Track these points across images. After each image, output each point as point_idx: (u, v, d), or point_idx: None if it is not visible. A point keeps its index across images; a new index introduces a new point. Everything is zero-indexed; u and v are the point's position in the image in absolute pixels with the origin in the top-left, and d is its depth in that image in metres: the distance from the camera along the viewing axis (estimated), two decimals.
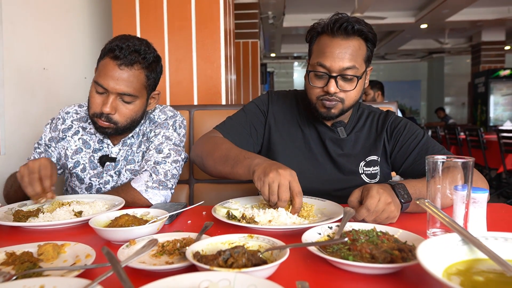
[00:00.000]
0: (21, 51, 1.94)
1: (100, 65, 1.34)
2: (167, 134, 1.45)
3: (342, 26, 1.20)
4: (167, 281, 0.57)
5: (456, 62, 13.17)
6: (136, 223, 0.92)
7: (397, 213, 0.98)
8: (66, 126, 1.49)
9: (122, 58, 1.29)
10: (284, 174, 1.00)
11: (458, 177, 0.83)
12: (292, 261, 0.73)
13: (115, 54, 1.29)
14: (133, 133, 1.47)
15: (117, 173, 1.46)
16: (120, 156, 1.47)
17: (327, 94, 1.24)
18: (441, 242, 0.67)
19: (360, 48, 1.24)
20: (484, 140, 5.33)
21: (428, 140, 1.31)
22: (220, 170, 1.21)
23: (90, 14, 2.65)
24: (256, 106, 1.43)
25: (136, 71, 1.33)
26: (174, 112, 1.53)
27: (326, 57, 1.22)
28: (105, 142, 1.47)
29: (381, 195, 0.94)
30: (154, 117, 1.50)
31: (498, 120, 9.89)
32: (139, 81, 1.34)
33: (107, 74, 1.30)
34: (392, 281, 0.66)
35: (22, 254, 0.76)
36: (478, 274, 0.62)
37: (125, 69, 1.30)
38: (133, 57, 1.31)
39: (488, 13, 8.50)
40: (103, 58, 1.33)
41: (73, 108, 1.54)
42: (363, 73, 1.26)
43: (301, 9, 8.16)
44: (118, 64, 1.30)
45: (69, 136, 1.48)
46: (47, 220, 1.05)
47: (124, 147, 1.47)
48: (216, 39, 2.32)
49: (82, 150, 1.47)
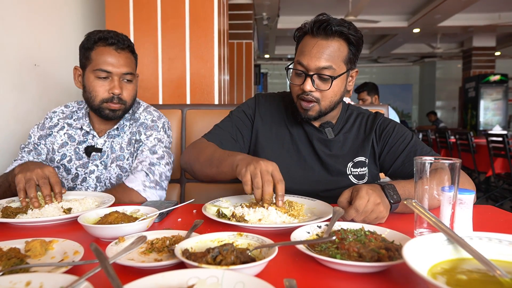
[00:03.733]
0: (12, 47, 1.92)
1: (94, 55, 1.43)
2: (158, 136, 1.52)
3: (321, 26, 1.22)
4: (155, 277, 0.57)
5: (448, 66, 13.32)
6: (126, 220, 0.92)
7: (386, 214, 0.99)
8: (53, 123, 1.58)
9: (116, 43, 1.43)
10: (265, 163, 1.03)
11: (445, 178, 0.85)
12: (280, 259, 0.74)
13: (110, 41, 1.42)
14: (117, 124, 1.54)
15: (102, 163, 1.51)
16: (106, 147, 1.53)
17: (304, 92, 1.26)
18: (426, 241, 0.68)
19: (340, 50, 1.25)
20: (473, 144, 5.40)
21: (417, 142, 1.32)
22: (207, 172, 1.24)
23: (83, 11, 2.63)
24: (242, 112, 1.45)
25: (128, 53, 1.48)
26: (159, 113, 1.61)
27: (304, 56, 1.24)
28: (90, 133, 1.54)
29: (370, 196, 0.95)
30: (140, 118, 1.56)
31: (487, 124, 10.03)
32: (133, 62, 1.51)
33: (107, 60, 1.42)
34: (379, 279, 0.67)
35: (9, 250, 0.75)
36: (463, 273, 0.63)
37: (121, 52, 1.44)
38: (125, 41, 1.46)
39: (479, 19, 8.61)
40: (93, 48, 1.43)
41: (59, 109, 1.62)
42: (341, 74, 1.27)
43: (295, 11, 8.18)
44: (115, 48, 1.43)
45: (55, 132, 1.56)
46: (36, 216, 1.04)
47: (109, 138, 1.54)
48: (209, 39, 2.32)
49: (67, 144, 1.55)
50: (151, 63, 2.34)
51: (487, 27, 8.91)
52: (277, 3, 6.65)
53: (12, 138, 1.94)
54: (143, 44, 2.33)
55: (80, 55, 1.48)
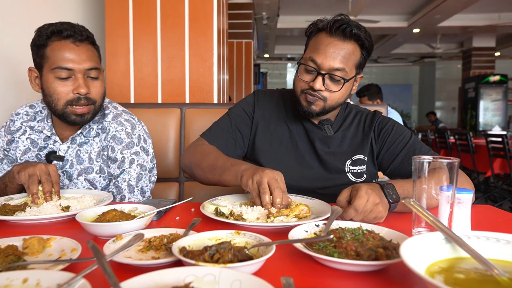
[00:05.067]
0: (10, 46, 1.92)
1: (50, 52, 1.25)
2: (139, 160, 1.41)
3: (341, 27, 1.21)
4: (152, 275, 0.57)
5: (447, 67, 13.33)
6: (124, 218, 0.92)
7: (385, 214, 0.98)
8: (15, 128, 1.43)
9: (73, 35, 1.25)
10: (272, 172, 1.04)
11: (443, 177, 0.85)
12: (278, 258, 0.74)
13: (65, 34, 1.25)
14: (81, 129, 1.38)
15: (65, 173, 1.39)
16: (68, 155, 1.38)
17: (311, 89, 1.25)
18: (424, 240, 0.68)
19: (354, 53, 1.24)
20: (473, 145, 5.41)
21: (416, 141, 1.32)
22: (210, 178, 1.26)
23: (82, 10, 2.63)
24: (241, 108, 1.44)
25: (89, 46, 1.31)
26: (131, 121, 1.43)
27: (319, 53, 1.23)
28: (52, 138, 1.40)
29: (369, 196, 0.95)
30: (110, 129, 1.39)
31: (487, 125, 10.04)
32: (95, 55, 1.33)
33: (66, 55, 1.25)
34: (377, 278, 0.67)
35: (6, 247, 0.75)
36: (460, 272, 0.63)
37: (80, 45, 1.27)
38: (83, 33, 1.28)
39: (479, 19, 8.62)
40: (48, 45, 1.25)
41: (23, 109, 1.46)
42: (351, 78, 1.27)
43: (295, 10, 8.18)
44: (72, 41, 1.26)
45: (17, 137, 1.42)
46: (34, 214, 1.04)
47: (73, 145, 1.39)
48: (209, 38, 2.32)
49: (30, 150, 1.41)
50: (150, 62, 2.34)
51: (487, 28, 8.92)
52: (277, 2, 6.65)
53: None
54: (143, 43, 2.33)
55: (33, 55, 1.30)
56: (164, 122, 1.85)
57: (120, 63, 2.32)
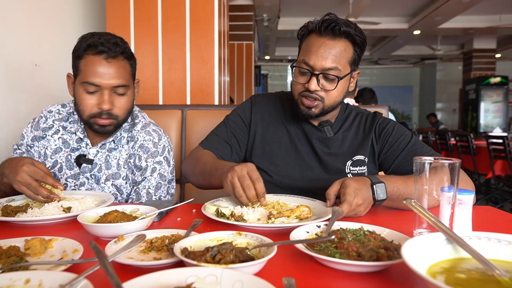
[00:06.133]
0: (12, 47, 1.93)
1: (83, 65, 1.30)
2: (161, 170, 1.43)
3: (329, 26, 1.22)
4: (154, 275, 0.57)
5: (448, 68, 13.32)
6: (125, 219, 0.92)
7: (364, 212, 1.05)
8: (47, 125, 1.46)
9: (107, 51, 1.28)
10: (240, 168, 1.05)
11: (444, 178, 0.85)
12: (279, 259, 0.74)
13: (99, 49, 1.28)
14: (113, 137, 1.42)
15: (93, 176, 1.40)
16: (97, 159, 1.41)
17: (308, 90, 1.26)
18: (425, 241, 0.68)
19: (346, 50, 1.25)
20: (474, 146, 5.40)
21: (417, 141, 1.33)
22: (203, 184, 1.31)
23: (84, 12, 2.64)
24: (237, 115, 1.46)
25: (122, 62, 1.33)
26: (158, 132, 1.48)
27: (310, 55, 1.24)
28: (84, 141, 1.43)
29: (356, 195, 1.00)
30: (139, 138, 1.43)
31: (488, 126, 10.02)
32: (127, 71, 1.35)
33: (96, 71, 1.28)
34: (378, 279, 0.67)
35: (8, 248, 0.75)
36: (462, 272, 0.63)
37: (112, 61, 1.30)
38: (117, 49, 1.30)
39: (480, 21, 8.62)
40: (83, 57, 1.29)
41: (56, 108, 1.50)
42: (346, 75, 1.27)
43: (296, 12, 8.19)
44: (105, 57, 1.28)
45: (49, 135, 1.44)
46: (36, 215, 1.04)
47: (102, 150, 1.42)
48: (210, 40, 2.33)
49: (61, 150, 1.43)
50: (151, 64, 2.35)
51: (487, 29, 8.91)
52: (278, 4, 6.65)
53: (12, 138, 1.94)
54: (144, 45, 2.33)
55: (72, 62, 1.35)
56: (165, 124, 1.85)
57: None
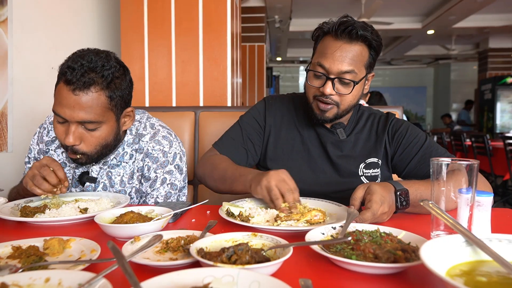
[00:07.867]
0: (30, 50, 1.97)
1: (56, 92, 1.16)
2: (171, 180, 1.36)
3: (346, 29, 1.20)
4: (171, 275, 0.57)
5: (463, 68, 13.10)
6: (141, 220, 0.93)
7: (387, 219, 1.02)
8: (49, 138, 1.38)
9: (75, 82, 1.10)
10: (276, 173, 1.06)
11: (462, 180, 0.83)
12: (295, 260, 0.74)
13: (67, 77, 1.11)
14: (114, 154, 1.33)
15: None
16: (100, 176, 1.33)
17: (322, 95, 1.24)
18: (444, 243, 0.67)
19: (362, 54, 1.23)
20: (490, 147, 5.29)
21: (431, 143, 1.30)
22: (221, 189, 1.30)
23: (99, 15, 2.68)
24: (252, 117, 1.44)
25: (95, 94, 1.13)
26: (169, 139, 1.36)
27: (326, 58, 1.22)
28: None
29: (382, 203, 0.97)
30: (148, 149, 1.33)
31: (504, 127, 9.82)
32: (100, 104, 1.15)
33: (61, 102, 1.13)
34: (395, 281, 0.66)
35: (28, 248, 0.77)
36: (482, 275, 0.62)
37: (80, 93, 1.11)
38: (88, 79, 1.11)
39: (496, 19, 8.46)
40: (58, 82, 1.16)
41: None
42: (361, 79, 1.25)
43: (307, 13, 8.17)
44: (72, 89, 1.11)
45: (52, 150, 1.37)
46: (53, 216, 1.06)
47: (104, 166, 1.34)
48: (222, 42, 2.34)
49: (65, 165, 1.36)
50: (165, 66, 2.37)
51: (504, 28, 8.74)
52: (289, 5, 6.65)
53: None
54: (157, 47, 2.36)
55: None
56: (178, 126, 1.86)
57: (135, 67, 2.35)
